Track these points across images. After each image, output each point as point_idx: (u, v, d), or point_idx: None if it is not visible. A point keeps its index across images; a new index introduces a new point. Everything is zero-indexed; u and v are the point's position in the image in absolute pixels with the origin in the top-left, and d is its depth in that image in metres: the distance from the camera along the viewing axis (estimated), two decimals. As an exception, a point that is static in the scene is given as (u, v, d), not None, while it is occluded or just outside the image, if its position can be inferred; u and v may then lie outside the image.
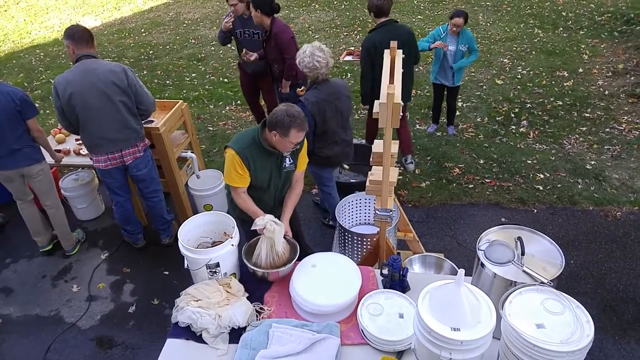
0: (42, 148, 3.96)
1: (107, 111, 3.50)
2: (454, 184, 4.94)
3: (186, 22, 10.90)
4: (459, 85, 5.51)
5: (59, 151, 4.37)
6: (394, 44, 2.59)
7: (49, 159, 4.12)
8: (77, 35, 3.46)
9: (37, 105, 7.35)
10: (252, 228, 2.62)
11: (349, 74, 7.66)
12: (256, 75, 5.34)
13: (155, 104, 3.81)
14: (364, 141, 5.57)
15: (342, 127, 3.79)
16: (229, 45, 5.25)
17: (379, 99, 2.21)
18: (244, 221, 2.94)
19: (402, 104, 2.62)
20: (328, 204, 4.25)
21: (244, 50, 4.99)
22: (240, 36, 5.11)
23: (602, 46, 7.85)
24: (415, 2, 10.75)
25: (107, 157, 3.68)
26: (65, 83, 3.43)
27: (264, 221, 2.57)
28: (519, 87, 6.81)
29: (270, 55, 4.80)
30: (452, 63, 5.25)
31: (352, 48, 5.64)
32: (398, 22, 4.54)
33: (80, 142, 4.39)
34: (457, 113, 6.16)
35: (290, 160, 2.93)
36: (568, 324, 1.67)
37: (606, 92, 6.50)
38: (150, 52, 9.30)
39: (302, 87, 4.41)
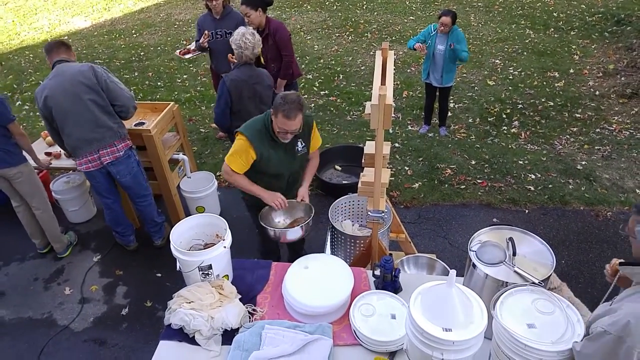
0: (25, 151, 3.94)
1: (78, 111, 3.51)
2: (446, 185, 4.96)
3: (177, 23, 10.86)
4: (450, 86, 5.54)
5: (49, 154, 4.35)
6: (385, 44, 2.60)
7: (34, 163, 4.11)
8: (48, 47, 3.61)
9: (26, 107, 7.38)
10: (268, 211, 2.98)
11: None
12: None
13: (133, 99, 3.71)
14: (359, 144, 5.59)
15: (260, 112, 3.93)
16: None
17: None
18: (252, 206, 3.16)
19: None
20: None
21: (229, 55, 4.96)
22: (212, 37, 5.11)
23: (593, 47, 7.92)
24: (407, 3, 10.80)
25: (86, 160, 3.67)
26: (41, 89, 3.52)
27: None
28: (510, 87, 6.86)
29: (267, 54, 4.76)
30: (441, 63, 5.30)
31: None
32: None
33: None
34: (449, 114, 6.19)
35: (302, 144, 3.05)
36: (559, 323, 1.69)
37: (597, 93, 6.55)
38: (141, 53, 9.26)
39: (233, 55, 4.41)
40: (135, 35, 10.31)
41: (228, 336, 2.25)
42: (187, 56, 5.56)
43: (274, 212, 3.07)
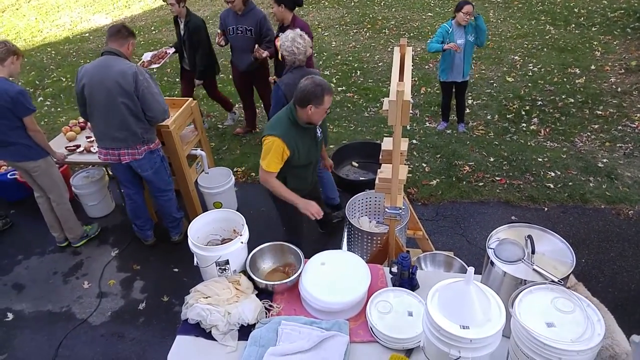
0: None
1: (108, 109, 3.57)
2: (464, 182, 4.91)
3: (196, 20, 10.93)
4: (467, 80, 5.49)
5: (72, 150, 4.41)
6: (403, 41, 2.58)
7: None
8: (108, 31, 3.68)
9: (48, 103, 7.49)
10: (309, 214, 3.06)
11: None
12: (249, 73, 5.38)
13: (166, 113, 3.75)
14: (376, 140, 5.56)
15: None
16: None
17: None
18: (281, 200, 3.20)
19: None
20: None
21: (256, 46, 5.01)
22: (232, 33, 5.15)
23: (615, 43, 7.77)
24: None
25: (106, 152, 3.76)
26: (83, 72, 3.60)
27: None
28: (529, 84, 6.76)
29: None
30: (461, 57, 5.27)
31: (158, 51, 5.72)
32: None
33: (91, 139, 4.44)
34: (467, 111, 6.13)
35: (319, 130, 3.19)
36: (579, 322, 1.66)
37: (619, 89, 6.43)
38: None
39: (274, 77, 4.73)
40: (154, 32, 10.41)
41: (244, 332, 2.25)
42: (153, 66, 5.44)
43: (262, 257, 2.68)
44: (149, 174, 3.89)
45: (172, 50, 5.63)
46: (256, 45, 4.99)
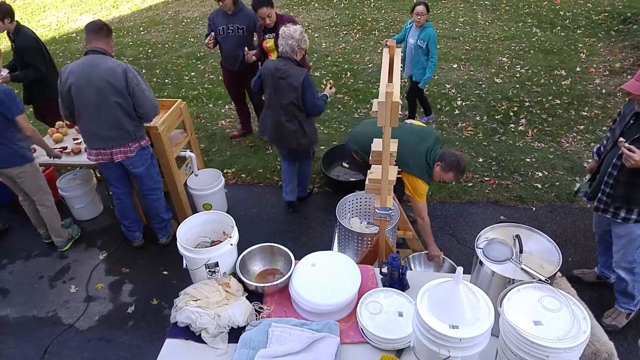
0: (31, 149, 3.96)
1: (100, 109, 3.51)
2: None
3: (185, 20, 10.89)
4: (416, 82, 5.60)
5: (60, 151, 4.37)
6: (392, 42, 2.59)
7: (44, 158, 4.16)
8: (88, 28, 3.58)
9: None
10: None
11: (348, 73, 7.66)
12: (240, 74, 5.37)
13: (157, 109, 3.71)
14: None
15: (281, 108, 4.07)
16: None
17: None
18: None
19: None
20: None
21: (245, 48, 5.00)
22: (222, 33, 5.13)
23: (599, 45, 7.87)
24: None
25: (98, 152, 3.70)
26: (68, 72, 3.50)
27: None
28: (517, 85, 6.82)
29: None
30: (411, 57, 5.44)
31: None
32: None
33: (78, 141, 4.40)
34: (457, 112, 6.19)
35: None
36: (565, 320, 1.68)
37: (603, 91, 6.51)
38: (149, 50, 9.28)
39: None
40: (143, 33, 10.34)
41: (235, 334, 2.24)
42: None
43: (252, 259, 2.61)
44: (140, 170, 3.85)
45: (6, 71, 4.76)
46: (245, 49, 4.99)
